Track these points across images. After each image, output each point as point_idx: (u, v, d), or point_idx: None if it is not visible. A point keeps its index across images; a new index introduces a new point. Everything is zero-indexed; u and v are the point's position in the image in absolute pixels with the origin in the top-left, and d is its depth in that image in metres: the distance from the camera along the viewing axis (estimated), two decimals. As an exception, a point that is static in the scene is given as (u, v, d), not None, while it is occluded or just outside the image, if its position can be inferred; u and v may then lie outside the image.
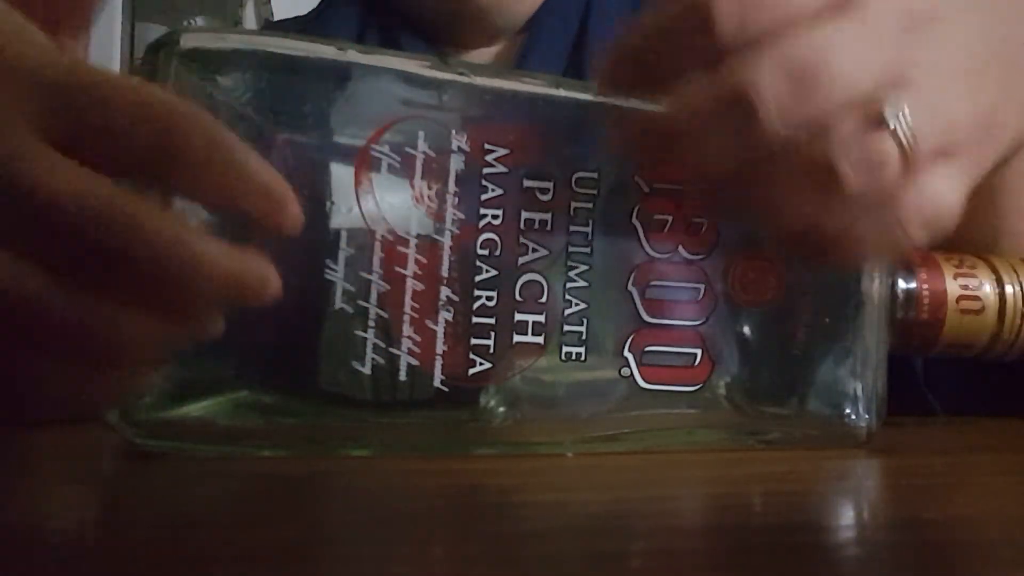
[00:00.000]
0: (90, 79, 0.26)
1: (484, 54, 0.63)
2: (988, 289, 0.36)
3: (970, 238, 0.38)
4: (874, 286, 0.35)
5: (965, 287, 0.36)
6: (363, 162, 0.31)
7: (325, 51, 0.32)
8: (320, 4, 0.71)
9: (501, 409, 0.33)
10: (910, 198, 0.29)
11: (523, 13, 0.62)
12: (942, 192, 0.29)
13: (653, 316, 0.33)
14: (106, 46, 1.51)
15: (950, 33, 0.30)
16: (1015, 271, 0.37)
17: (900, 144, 0.28)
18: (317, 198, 0.31)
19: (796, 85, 0.27)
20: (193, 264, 0.25)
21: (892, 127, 0.28)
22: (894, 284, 0.36)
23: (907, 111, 0.28)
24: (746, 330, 0.34)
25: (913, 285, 0.36)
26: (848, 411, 0.35)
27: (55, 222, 0.24)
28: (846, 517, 0.28)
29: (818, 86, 0.27)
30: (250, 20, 1.62)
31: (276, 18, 1.54)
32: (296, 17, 0.72)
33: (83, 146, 0.25)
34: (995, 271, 0.37)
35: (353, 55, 0.32)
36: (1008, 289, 0.36)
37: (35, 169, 0.24)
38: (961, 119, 0.30)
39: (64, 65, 0.26)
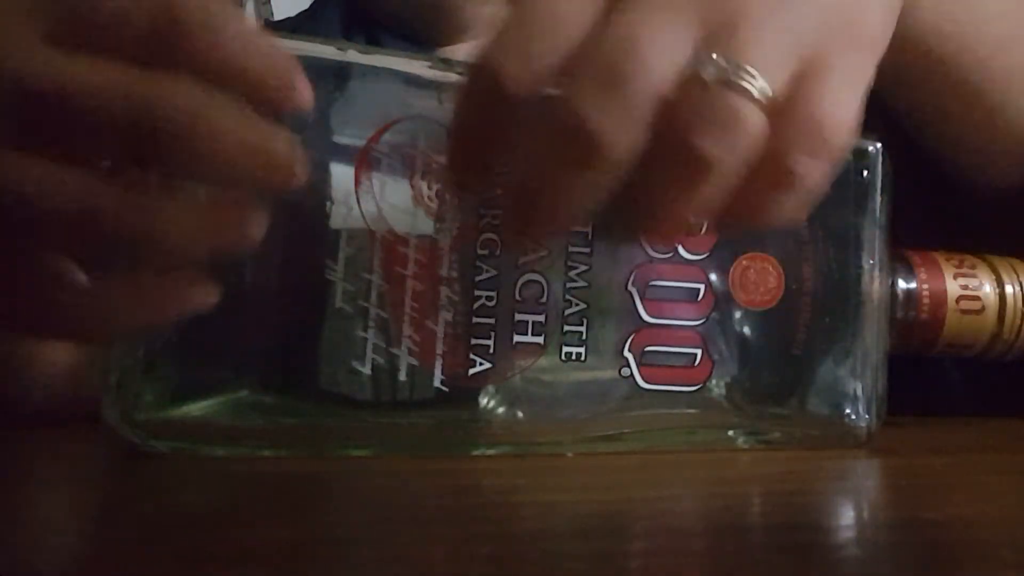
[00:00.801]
0: None
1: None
2: (988, 289, 0.36)
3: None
4: (874, 286, 0.35)
5: (965, 287, 0.36)
6: (363, 162, 0.32)
7: (325, 51, 0.32)
8: (311, 6, 0.70)
9: (501, 409, 0.33)
10: (791, 131, 0.26)
11: (480, 14, 0.62)
12: (829, 106, 0.27)
13: (653, 316, 0.33)
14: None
15: None
16: (1015, 271, 0.37)
17: (749, 94, 0.26)
18: (317, 198, 0.31)
19: (610, 99, 0.25)
20: (221, 133, 0.25)
21: (734, 82, 0.26)
22: (894, 284, 0.36)
23: (739, 59, 0.26)
24: (746, 330, 0.34)
25: (913, 285, 0.36)
26: (848, 411, 0.35)
27: (64, 112, 0.24)
28: (846, 517, 0.28)
29: (630, 80, 0.25)
30: (250, 20, 1.62)
31: (276, 18, 1.54)
32: (286, 19, 0.72)
33: (81, 35, 0.25)
34: (995, 271, 0.37)
35: (353, 55, 0.32)
36: (1008, 289, 0.36)
37: (32, 61, 0.24)
38: (803, 33, 0.27)
39: None
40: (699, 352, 0.34)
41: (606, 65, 0.25)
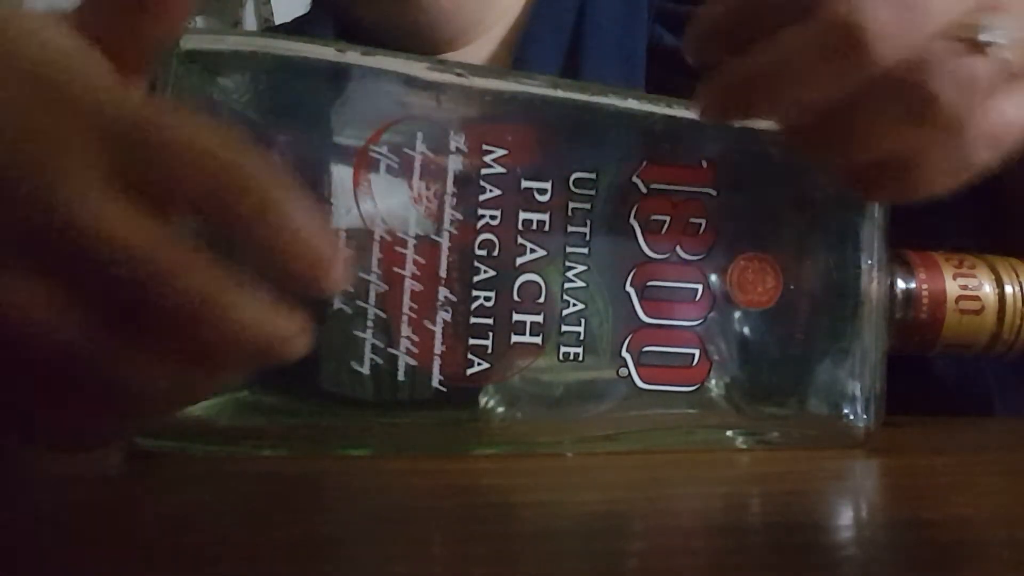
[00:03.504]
0: (159, 118, 0.25)
1: (472, 57, 0.63)
2: (988, 289, 0.36)
3: None
4: (872, 286, 0.35)
5: (964, 287, 0.36)
6: (362, 163, 0.32)
7: (324, 52, 0.32)
8: (302, 16, 0.70)
9: (500, 409, 0.33)
10: (985, 121, 0.29)
11: (486, 15, 0.61)
12: (1014, 113, 0.30)
13: (651, 316, 0.33)
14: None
15: None
16: (1015, 271, 0.37)
17: (998, 67, 0.29)
18: (316, 198, 0.31)
19: (899, 13, 0.28)
20: (223, 324, 0.24)
21: (989, 50, 0.28)
22: (893, 284, 0.36)
23: (1000, 32, 0.28)
24: (744, 330, 0.34)
25: (912, 285, 0.36)
26: (847, 411, 0.35)
27: (93, 262, 0.24)
28: (846, 517, 0.28)
29: (919, 13, 0.28)
30: (250, 20, 1.62)
31: (276, 18, 1.54)
32: (283, 24, 0.72)
33: (141, 186, 0.24)
34: (995, 271, 0.37)
35: (352, 56, 0.32)
36: (1008, 289, 0.36)
37: (85, 207, 0.24)
38: None
39: (131, 100, 0.25)
40: (697, 352, 0.34)
41: None
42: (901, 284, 0.36)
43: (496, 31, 0.62)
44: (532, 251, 0.33)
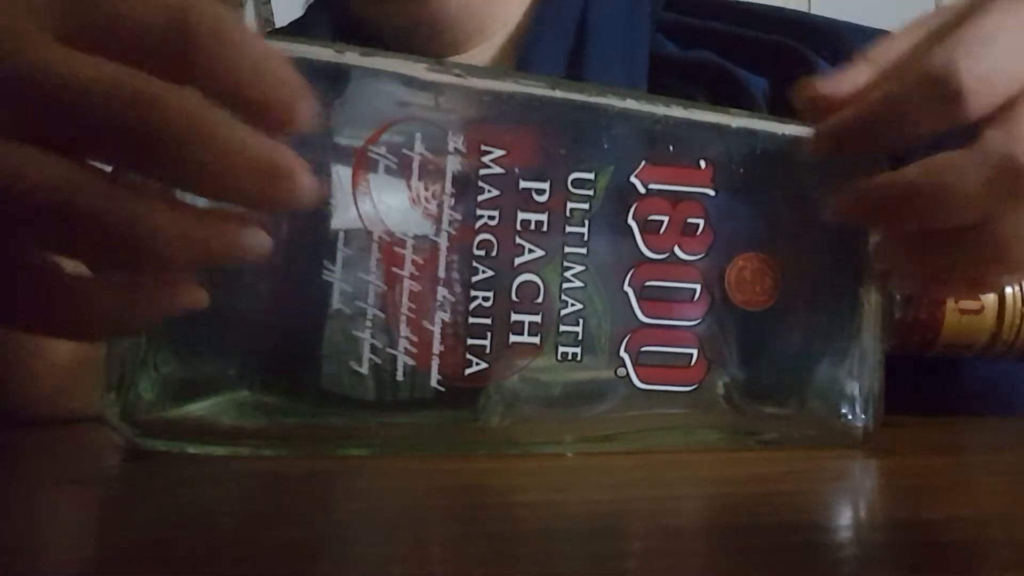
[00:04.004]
0: None
1: (476, 59, 0.63)
2: (987, 289, 0.36)
3: None
4: (871, 287, 0.35)
5: (964, 287, 0.36)
6: (360, 163, 0.32)
7: (324, 53, 0.32)
8: (301, 18, 0.70)
9: (500, 409, 0.33)
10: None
11: (490, 20, 0.61)
12: None
13: (649, 316, 0.33)
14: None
15: None
16: (1014, 271, 0.37)
17: None
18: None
19: (991, 68, 0.30)
20: (223, 143, 0.24)
21: None
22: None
23: None
24: (743, 330, 0.34)
25: None
26: (845, 411, 0.35)
27: (71, 109, 0.24)
28: (846, 517, 0.28)
29: (1008, 68, 0.30)
30: (250, 20, 1.62)
31: (276, 18, 1.54)
32: (277, 29, 0.72)
33: (93, 39, 0.25)
34: (994, 271, 0.37)
35: (351, 57, 0.32)
36: (1007, 290, 0.36)
37: (43, 59, 0.24)
38: None
39: None
40: (695, 352, 0.34)
41: (997, 40, 0.31)
42: (900, 284, 0.36)
43: (499, 37, 0.62)
44: (530, 251, 0.33)
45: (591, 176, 0.33)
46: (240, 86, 0.25)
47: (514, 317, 0.32)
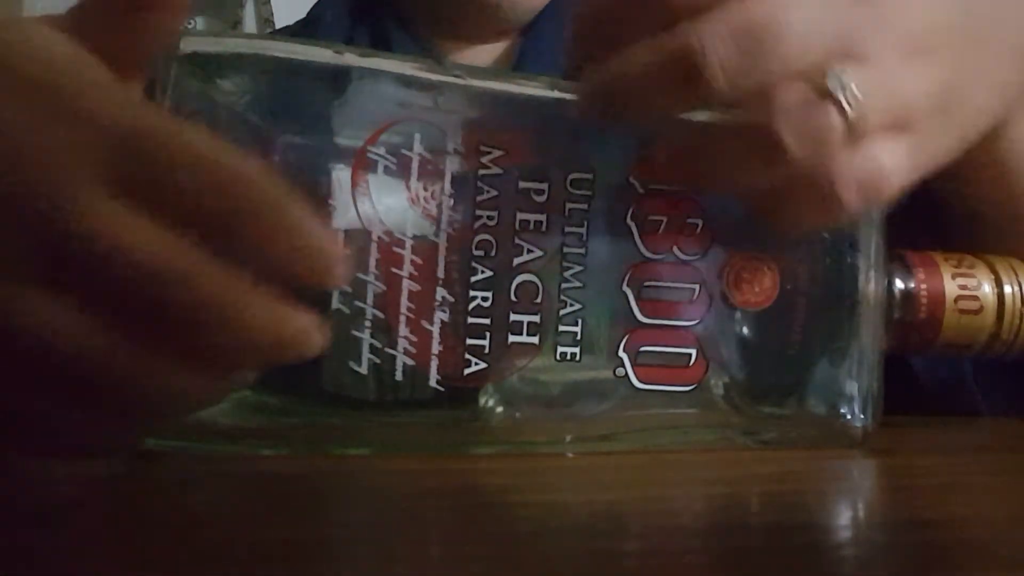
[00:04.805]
0: (157, 127, 0.25)
1: (480, 53, 0.63)
2: (987, 289, 0.36)
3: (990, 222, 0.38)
4: (869, 286, 0.35)
5: (963, 287, 0.36)
6: (360, 164, 0.32)
7: (323, 54, 0.32)
8: (313, 7, 0.71)
9: (499, 409, 0.33)
10: (850, 163, 0.29)
11: (531, 8, 0.62)
12: (884, 163, 0.30)
13: (648, 316, 0.33)
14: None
15: (905, 7, 0.30)
16: (1014, 271, 0.37)
17: (844, 116, 0.28)
18: (316, 199, 0.31)
19: (743, 49, 0.27)
20: (238, 324, 0.25)
21: (837, 99, 0.28)
22: (891, 284, 0.36)
23: (854, 84, 0.28)
24: (742, 330, 0.34)
25: (911, 285, 0.36)
26: (844, 411, 0.35)
27: (105, 272, 0.24)
28: (845, 517, 0.28)
29: (765, 52, 0.28)
30: (250, 20, 1.62)
31: (276, 17, 1.54)
32: (293, 24, 0.72)
33: (144, 196, 0.24)
34: (994, 271, 0.37)
35: (350, 58, 0.32)
36: (1007, 289, 0.36)
37: (93, 219, 0.24)
38: (912, 95, 0.30)
39: (130, 109, 0.26)
40: (694, 352, 0.34)
41: (751, 23, 0.28)
42: (900, 284, 0.36)
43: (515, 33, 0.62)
44: (529, 251, 0.33)
45: (590, 176, 0.33)
46: (281, 269, 0.25)
47: (513, 317, 0.32)
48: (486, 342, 0.32)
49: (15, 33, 0.27)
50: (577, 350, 0.33)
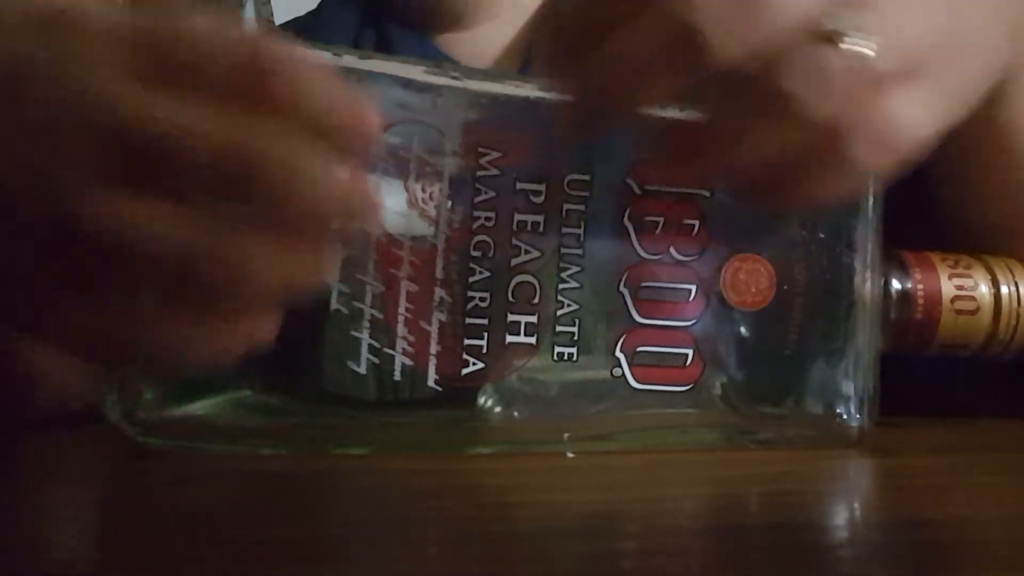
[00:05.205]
0: (169, 20, 0.26)
1: (480, 40, 0.63)
2: (984, 289, 0.36)
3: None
4: (865, 287, 0.35)
5: (960, 288, 0.36)
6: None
7: (322, 56, 0.32)
8: (319, 4, 0.71)
9: (498, 409, 0.33)
10: (871, 122, 0.28)
11: None
12: (906, 115, 0.28)
13: (645, 317, 0.33)
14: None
15: None
16: (1011, 271, 0.37)
17: (858, 61, 0.27)
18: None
19: (741, 10, 0.26)
20: (308, 182, 0.25)
21: (847, 44, 0.27)
22: (888, 284, 0.36)
23: (860, 28, 0.27)
24: (738, 331, 0.34)
25: (908, 285, 0.36)
26: (840, 411, 0.35)
27: (172, 159, 0.24)
28: (844, 517, 0.28)
29: (764, 9, 0.26)
30: (250, 20, 1.61)
31: (276, 17, 1.54)
32: (296, 18, 0.72)
33: (171, 78, 0.25)
34: (991, 272, 0.37)
35: (349, 60, 0.32)
36: (1004, 290, 0.36)
37: (135, 103, 0.24)
38: (922, 39, 0.28)
39: (132, 11, 0.26)
40: (690, 352, 0.34)
41: None
42: (897, 284, 0.36)
43: (508, 15, 0.62)
44: (527, 252, 0.33)
45: (587, 177, 0.33)
46: (319, 118, 0.26)
47: (511, 317, 0.33)
48: (484, 342, 0.32)
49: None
50: (574, 350, 0.33)
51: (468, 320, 0.32)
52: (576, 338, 0.33)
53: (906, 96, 0.28)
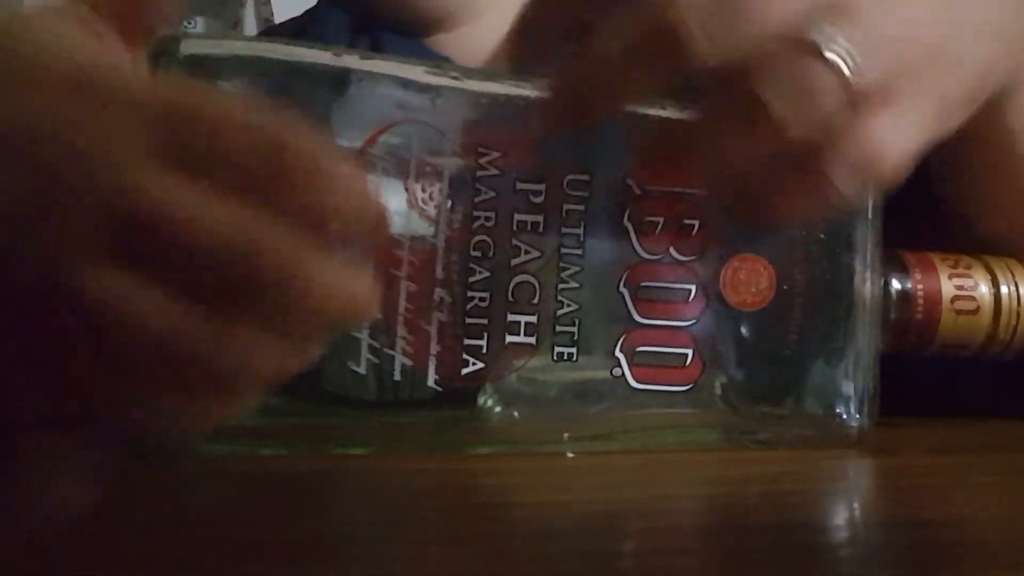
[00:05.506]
0: (193, 99, 0.25)
1: (466, 37, 0.63)
2: (984, 290, 0.36)
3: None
4: (865, 287, 0.35)
5: (960, 287, 0.36)
6: (359, 165, 0.32)
7: (322, 56, 0.32)
8: (314, 7, 0.70)
9: (498, 409, 0.33)
10: (849, 143, 0.27)
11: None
12: (887, 135, 0.28)
13: (644, 317, 0.33)
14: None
15: None
16: (1011, 271, 0.37)
17: (838, 75, 0.26)
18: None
19: (724, 11, 0.26)
20: (311, 285, 0.25)
21: (827, 57, 0.26)
22: (888, 284, 0.36)
23: (844, 40, 0.26)
24: (738, 331, 0.34)
25: (908, 285, 0.36)
26: (840, 411, 0.35)
27: (176, 246, 0.24)
28: (844, 517, 0.28)
29: (747, 12, 0.26)
30: (250, 20, 1.62)
31: (276, 18, 1.54)
32: (290, 20, 0.72)
33: (194, 165, 0.25)
34: (991, 271, 0.37)
35: (349, 60, 0.32)
36: (1004, 290, 0.36)
37: (154, 191, 0.24)
38: (908, 51, 0.28)
39: (158, 85, 0.26)
40: (690, 352, 0.34)
41: None
42: (897, 284, 0.36)
43: (492, 14, 0.62)
44: (527, 252, 0.33)
45: (587, 177, 0.33)
46: (328, 222, 0.25)
47: (510, 317, 0.33)
48: (484, 342, 0.32)
49: (20, 24, 0.27)
50: (574, 350, 0.33)
51: (468, 320, 0.32)
52: (576, 338, 0.33)
53: (887, 116, 0.28)
